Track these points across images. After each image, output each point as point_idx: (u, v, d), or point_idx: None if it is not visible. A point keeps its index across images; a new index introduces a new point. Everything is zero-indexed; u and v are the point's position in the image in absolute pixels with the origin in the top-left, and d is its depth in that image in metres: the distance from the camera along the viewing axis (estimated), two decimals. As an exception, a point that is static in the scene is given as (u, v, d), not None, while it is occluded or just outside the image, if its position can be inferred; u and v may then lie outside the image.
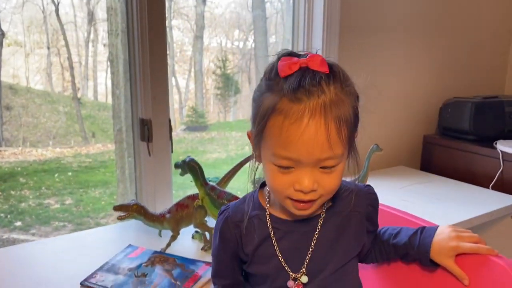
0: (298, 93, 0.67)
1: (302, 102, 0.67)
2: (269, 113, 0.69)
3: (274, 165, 0.71)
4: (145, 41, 1.37)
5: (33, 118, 3.49)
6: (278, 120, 0.68)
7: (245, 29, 3.99)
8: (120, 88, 1.71)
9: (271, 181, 0.73)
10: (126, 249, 1.23)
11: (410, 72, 2.12)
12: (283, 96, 0.68)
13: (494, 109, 1.99)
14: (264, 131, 0.70)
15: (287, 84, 0.68)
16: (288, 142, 0.68)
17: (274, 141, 0.69)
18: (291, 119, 0.67)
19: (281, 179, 0.71)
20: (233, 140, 4.28)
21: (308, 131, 0.67)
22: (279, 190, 0.73)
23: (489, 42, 2.37)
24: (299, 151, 0.68)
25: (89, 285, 1.06)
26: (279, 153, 0.69)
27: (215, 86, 4.33)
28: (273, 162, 0.71)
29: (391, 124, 2.08)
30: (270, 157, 0.71)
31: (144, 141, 1.46)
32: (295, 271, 0.80)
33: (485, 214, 1.56)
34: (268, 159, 0.72)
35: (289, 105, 0.68)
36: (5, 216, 2.85)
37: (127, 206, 1.20)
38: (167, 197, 1.50)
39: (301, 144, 0.67)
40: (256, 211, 0.81)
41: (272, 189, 0.75)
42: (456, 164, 2.02)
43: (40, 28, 3.37)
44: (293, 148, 0.68)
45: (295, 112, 0.67)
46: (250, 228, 0.80)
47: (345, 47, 1.85)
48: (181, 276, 1.10)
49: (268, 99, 0.70)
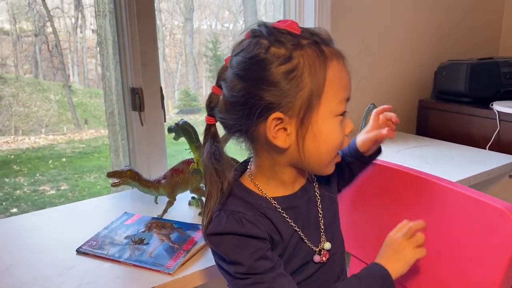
0: (323, 37, 0.72)
1: (331, 47, 0.72)
2: (323, 62, 0.69)
3: (337, 117, 0.72)
4: (133, 5, 1.34)
5: (24, 107, 3.45)
6: (334, 64, 0.70)
7: (235, 10, 3.94)
8: (110, 70, 1.68)
9: (335, 138, 0.73)
10: (122, 217, 1.21)
11: (404, 37, 2.10)
12: (320, 44, 0.70)
13: (490, 70, 1.97)
14: (325, 84, 0.69)
15: (313, 36, 0.70)
16: (347, 82, 0.72)
17: (338, 87, 0.71)
18: (340, 60, 0.71)
19: (341, 131, 0.74)
20: (226, 121, 4.25)
21: (346, 68, 0.73)
22: (339, 144, 0.74)
23: (482, 4, 2.35)
24: (350, 85, 0.73)
25: (85, 252, 1.04)
26: (344, 96, 0.72)
27: (207, 68, 4.30)
28: (337, 113, 0.72)
29: (386, 89, 2.06)
30: (335, 108, 0.71)
31: (135, 111, 1.43)
32: (315, 244, 0.81)
33: (483, 172, 1.55)
34: (331, 113, 0.71)
35: (328, 49, 0.71)
36: (0, 203, 2.82)
37: (121, 172, 1.18)
38: (162, 167, 1.48)
39: (349, 80, 0.73)
40: (259, 201, 0.76)
41: (333, 147, 0.74)
42: (452, 127, 2.01)
43: (26, 15, 3.32)
44: (349, 85, 0.73)
45: (337, 53, 0.71)
46: (265, 218, 0.75)
47: (339, 13, 1.82)
48: (179, 239, 1.08)
49: (304, 53, 0.68)
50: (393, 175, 1.00)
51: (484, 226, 0.80)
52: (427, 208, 0.91)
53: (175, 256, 1.00)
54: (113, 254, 1.02)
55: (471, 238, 0.82)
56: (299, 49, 0.68)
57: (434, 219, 0.88)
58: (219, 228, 0.72)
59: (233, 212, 0.73)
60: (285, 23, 0.71)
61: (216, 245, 0.74)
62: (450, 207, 0.87)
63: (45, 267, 0.98)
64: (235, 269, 0.71)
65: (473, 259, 0.82)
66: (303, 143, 0.71)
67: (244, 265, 0.70)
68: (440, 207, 0.89)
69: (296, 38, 0.69)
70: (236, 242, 0.71)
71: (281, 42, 0.68)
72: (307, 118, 0.69)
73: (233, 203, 0.75)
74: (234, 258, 0.71)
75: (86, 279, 0.93)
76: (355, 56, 2.02)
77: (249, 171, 0.81)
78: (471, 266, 0.82)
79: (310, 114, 0.69)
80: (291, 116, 0.69)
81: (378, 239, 0.87)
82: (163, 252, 1.02)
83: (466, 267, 0.83)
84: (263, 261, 0.71)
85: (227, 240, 0.72)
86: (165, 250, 1.03)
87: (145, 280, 0.92)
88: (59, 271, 0.96)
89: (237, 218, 0.72)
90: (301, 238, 0.79)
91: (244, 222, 0.71)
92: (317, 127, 0.70)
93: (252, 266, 0.70)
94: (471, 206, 0.82)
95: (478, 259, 0.81)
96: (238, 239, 0.71)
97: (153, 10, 1.39)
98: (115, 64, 1.61)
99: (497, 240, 0.78)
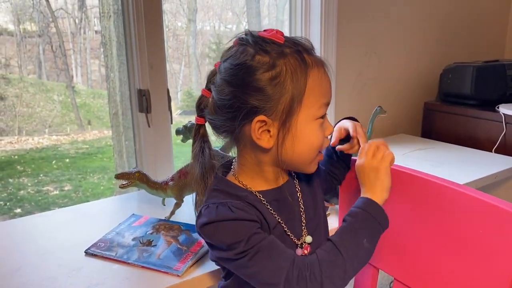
0: (305, 47, 0.76)
1: (313, 55, 0.76)
2: (304, 70, 0.74)
3: (317, 120, 0.76)
4: (140, 7, 1.34)
5: (27, 107, 3.45)
6: (315, 72, 0.75)
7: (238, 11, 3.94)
8: (114, 71, 1.68)
9: (315, 140, 0.78)
10: (130, 218, 1.21)
11: (410, 39, 2.10)
12: (302, 53, 0.75)
13: (496, 72, 1.97)
14: (306, 91, 0.74)
15: (296, 45, 0.75)
16: (327, 88, 0.77)
17: (318, 94, 0.76)
18: (320, 68, 0.76)
19: (321, 133, 0.78)
20: (229, 122, 4.26)
21: (327, 76, 0.78)
22: (319, 145, 0.78)
23: (488, 6, 2.35)
24: (330, 92, 0.78)
25: (94, 253, 1.04)
26: (323, 101, 0.76)
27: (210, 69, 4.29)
28: (317, 116, 0.76)
29: (391, 91, 2.06)
30: (315, 113, 0.76)
31: (142, 113, 1.43)
32: (298, 237, 0.83)
33: (489, 175, 1.55)
34: (311, 117, 0.76)
35: (310, 57, 0.75)
36: (4, 204, 2.82)
37: (129, 174, 1.18)
38: (168, 168, 1.48)
39: (330, 87, 0.78)
40: (243, 193, 0.79)
41: (314, 148, 0.78)
42: (457, 129, 2.00)
43: (30, 16, 3.32)
44: (329, 91, 0.77)
45: (318, 62, 0.76)
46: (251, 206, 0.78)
47: (345, 15, 1.82)
48: (187, 241, 1.08)
49: (287, 62, 0.73)
50: (400, 178, 1.00)
51: (493, 228, 0.80)
52: (435, 211, 0.91)
53: (183, 258, 1.01)
54: (121, 255, 1.02)
55: (480, 240, 0.82)
56: (282, 58, 0.73)
57: (443, 222, 0.87)
58: (211, 217, 0.74)
59: (222, 203, 0.75)
60: (270, 32, 0.75)
61: (210, 235, 0.76)
62: (459, 209, 0.87)
63: (54, 268, 0.98)
64: (235, 251, 0.73)
65: (482, 262, 0.81)
66: (284, 144, 0.75)
67: (242, 242, 0.72)
68: (449, 210, 0.89)
69: (280, 47, 0.74)
70: (230, 227, 0.74)
71: (266, 51, 0.73)
72: (288, 121, 0.74)
73: (219, 197, 0.78)
74: (230, 241, 0.73)
75: (95, 280, 0.93)
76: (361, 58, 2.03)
77: (232, 171, 0.84)
78: (480, 268, 0.82)
79: (291, 118, 0.74)
80: (274, 119, 0.74)
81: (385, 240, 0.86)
82: (171, 254, 1.02)
83: (475, 269, 0.83)
84: (257, 235, 0.74)
85: (220, 226, 0.74)
86: (173, 252, 1.03)
87: (154, 282, 0.92)
88: (68, 272, 0.96)
89: (226, 207, 0.75)
90: (285, 231, 0.81)
91: (233, 209, 0.74)
92: (298, 129, 0.75)
93: (249, 240, 0.73)
94: (480, 209, 0.82)
95: (488, 262, 0.80)
96: (231, 223, 0.74)
97: (160, 12, 1.39)
98: (119, 65, 1.61)
99: (507, 242, 0.77)
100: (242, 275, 0.77)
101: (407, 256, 0.96)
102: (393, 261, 1.00)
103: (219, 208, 0.75)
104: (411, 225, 0.95)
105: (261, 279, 0.74)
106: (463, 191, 0.86)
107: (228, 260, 0.77)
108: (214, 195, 0.79)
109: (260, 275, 0.74)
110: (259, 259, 0.73)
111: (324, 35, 1.73)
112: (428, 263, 0.88)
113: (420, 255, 0.93)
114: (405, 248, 0.97)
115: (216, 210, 0.75)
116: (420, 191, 0.95)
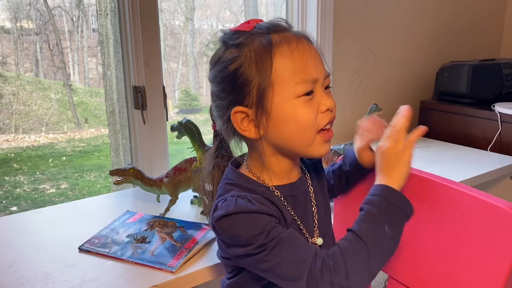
0: (278, 26, 0.74)
1: (288, 31, 0.74)
2: (268, 51, 0.71)
3: (299, 98, 0.72)
4: (136, 3, 1.34)
5: (24, 105, 3.44)
6: (283, 49, 0.71)
7: (236, 10, 3.94)
8: (111, 69, 1.68)
9: (302, 118, 0.73)
10: (124, 215, 1.21)
11: (407, 37, 2.10)
12: (268, 33, 0.72)
13: (492, 71, 1.97)
14: (273, 71, 0.71)
15: (262, 29, 0.73)
16: (303, 63, 0.71)
17: (291, 71, 0.71)
18: (292, 43, 0.72)
19: (309, 110, 0.72)
20: (227, 121, 4.26)
21: (310, 49, 0.73)
22: (310, 123, 0.73)
23: (485, 5, 2.35)
24: (315, 67, 0.72)
25: (88, 250, 1.04)
26: (300, 78, 0.71)
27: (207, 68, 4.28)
28: (297, 95, 0.72)
29: (388, 90, 2.06)
30: (292, 91, 0.71)
31: (138, 109, 1.43)
32: (311, 236, 0.81)
33: (484, 174, 1.55)
34: (289, 96, 0.72)
35: (280, 35, 0.73)
36: (0, 201, 2.82)
37: (124, 170, 1.18)
38: (163, 165, 1.48)
39: (312, 61, 0.72)
40: (259, 188, 0.77)
41: (304, 127, 0.73)
42: (453, 128, 2.01)
43: (27, 14, 3.31)
44: (309, 67, 0.72)
45: (290, 37, 0.72)
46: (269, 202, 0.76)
47: (341, 14, 1.82)
48: (181, 238, 1.08)
49: (253, 47, 0.72)
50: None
51: (488, 226, 0.80)
52: (430, 208, 0.91)
53: (177, 254, 1.00)
54: (115, 252, 1.02)
55: (475, 238, 0.82)
56: (247, 45, 0.72)
57: (437, 219, 0.87)
58: (229, 209, 0.71)
59: (241, 196, 0.73)
60: (241, 24, 0.75)
61: (227, 228, 0.72)
62: (454, 207, 0.87)
63: (47, 264, 0.98)
64: (254, 245, 0.70)
65: (477, 259, 0.81)
66: (270, 129, 0.74)
67: (262, 234, 0.69)
68: (444, 207, 0.89)
69: (247, 35, 0.73)
70: (250, 219, 0.71)
71: (235, 44, 0.73)
72: (264, 105, 0.72)
73: (236, 190, 0.76)
74: (250, 234, 0.70)
75: (88, 276, 0.93)
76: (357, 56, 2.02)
77: (245, 164, 0.83)
78: (475, 266, 0.82)
79: (266, 101, 0.72)
80: (251, 107, 0.73)
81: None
82: (165, 251, 1.02)
83: (470, 267, 0.83)
84: (277, 229, 0.71)
85: (238, 219, 0.71)
86: (167, 249, 1.03)
87: (147, 279, 0.92)
88: (62, 269, 0.96)
89: (246, 199, 0.72)
90: (300, 229, 0.80)
91: (253, 202, 0.72)
92: (278, 111, 0.72)
93: (270, 233, 0.69)
94: (475, 206, 0.82)
95: (482, 259, 0.80)
96: (251, 216, 0.71)
97: (156, 8, 1.38)
98: (116, 63, 1.60)
99: (501, 240, 0.77)
100: (259, 271, 0.73)
101: (402, 254, 0.96)
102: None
103: (238, 201, 0.72)
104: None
105: (281, 273, 0.70)
106: (458, 188, 0.86)
107: (245, 256, 0.72)
108: (230, 189, 0.77)
109: (280, 269, 0.70)
110: (279, 251, 0.69)
111: (321, 33, 1.73)
112: (423, 261, 0.88)
113: (415, 253, 0.93)
114: (400, 246, 0.97)
115: (235, 203, 0.72)
116: (415, 188, 0.95)
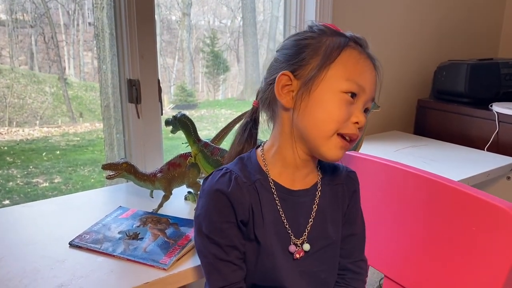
0: (360, 39, 0.80)
1: (362, 48, 0.79)
2: (343, 46, 0.77)
3: (342, 94, 0.75)
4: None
5: (18, 99, 3.40)
6: (354, 52, 0.77)
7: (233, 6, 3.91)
8: (106, 63, 1.65)
9: (332, 110, 0.75)
10: (117, 211, 1.19)
11: (404, 35, 2.08)
12: (350, 39, 0.79)
13: (490, 71, 1.97)
14: (336, 61, 0.76)
15: (346, 33, 0.80)
16: (363, 72, 0.77)
17: (351, 69, 0.76)
18: (362, 55, 0.78)
19: (342, 109, 0.75)
20: (223, 117, 4.25)
21: (372, 70, 0.79)
22: (336, 117, 0.76)
23: (483, 4, 2.34)
24: (369, 80, 0.77)
25: (78, 245, 1.02)
26: (353, 77, 0.76)
27: (203, 64, 4.26)
28: (342, 90, 0.75)
29: (385, 88, 2.03)
30: (340, 85, 0.75)
31: (132, 103, 1.41)
32: (296, 235, 0.82)
33: (481, 173, 1.55)
34: (335, 88, 0.75)
35: (357, 45, 0.79)
36: (-8, 195, 2.78)
37: (117, 164, 1.16)
38: (157, 160, 1.46)
39: (369, 76, 0.78)
40: (258, 175, 0.80)
41: (329, 118, 0.76)
42: (450, 127, 2.00)
43: (22, 6, 3.27)
44: (365, 77, 0.77)
45: (362, 52, 0.78)
46: (255, 192, 0.79)
47: (340, 11, 1.81)
48: (174, 235, 1.06)
49: (332, 39, 0.77)
50: (392, 174, 0.99)
51: (487, 225, 0.79)
52: (429, 207, 0.90)
53: (170, 251, 0.99)
54: (106, 248, 1.00)
55: (473, 238, 0.81)
56: (328, 36, 0.78)
57: (435, 218, 0.86)
58: (210, 182, 0.80)
59: (233, 173, 0.79)
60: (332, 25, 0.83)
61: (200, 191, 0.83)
62: (453, 206, 0.86)
63: (37, 259, 0.96)
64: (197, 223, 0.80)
65: (476, 258, 0.80)
66: (301, 106, 0.76)
67: (206, 224, 0.79)
68: (442, 206, 0.88)
69: (332, 31, 0.80)
70: (211, 202, 0.78)
71: (319, 29, 0.80)
72: (311, 82, 0.75)
73: (238, 166, 0.82)
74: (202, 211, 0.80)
75: (79, 273, 0.91)
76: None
77: (261, 148, 0.86)
78: (473, 265, 0.81)
79: (314, 81, 0.75)
80: (299, 77, 0.77)
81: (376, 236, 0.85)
82: (158, 248, 1.00)
83: (468, 266, 0.82)
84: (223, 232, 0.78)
85: (207, 193, 0.80)
86: (160, 246, 1.01)
87: (139, 275, 0.90)
88: (51, 264, 0.94)
89: (230, 177, 0.78)
90: (283, 222, 0.81)
91: (232, 184, 0.77)
92: (319, 95, 0.76)
93: (210, 232, 0.78)
94: (474, 205, 0.81)
95: (481, 258, 0.80)
96: (214, 201, 0.78)
97: (152, 1, 1.36)
98: (111, 57, 1.58)
99: (500, 239, 0.76)
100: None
101: (398, 253, 0.95)
102: (383, 258, 0.99)
103: (230, 174, 0.79)
104: (402, 221, 0.94)
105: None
106: (457, 187, 0.85)
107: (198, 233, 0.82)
108: (236, 163, 0.83)
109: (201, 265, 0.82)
110: (201, 257, 0.81)
111: (319, 30, 1.71)
112: (419, 260, 0.87)
113: (411, 252, 0.92)
114: (396, 245, 0.96)
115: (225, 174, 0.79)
116: (412, 187, 0.94)
